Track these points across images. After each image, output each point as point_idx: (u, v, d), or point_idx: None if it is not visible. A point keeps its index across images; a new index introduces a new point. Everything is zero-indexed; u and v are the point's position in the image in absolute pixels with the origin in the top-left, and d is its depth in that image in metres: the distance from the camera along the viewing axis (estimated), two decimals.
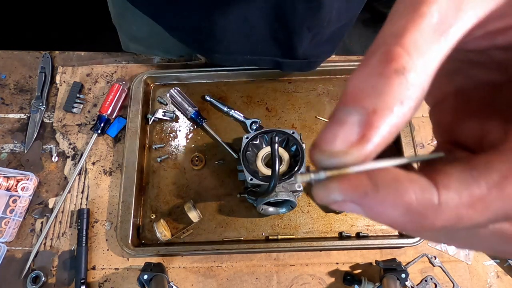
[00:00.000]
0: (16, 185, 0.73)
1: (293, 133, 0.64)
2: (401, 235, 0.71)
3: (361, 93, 0.14)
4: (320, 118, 0.79)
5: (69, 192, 0.75)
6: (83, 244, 0.69)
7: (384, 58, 0.14)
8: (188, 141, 0.78)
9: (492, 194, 0.13)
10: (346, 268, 0.70)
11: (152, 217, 0.72)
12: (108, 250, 0.71)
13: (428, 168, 0.15)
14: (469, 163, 0.14)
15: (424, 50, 0.14)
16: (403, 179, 0.14)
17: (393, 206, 0.14)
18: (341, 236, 0.71)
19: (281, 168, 0.64)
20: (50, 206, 0.74)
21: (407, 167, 0.16)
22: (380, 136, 0.14)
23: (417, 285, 0.69)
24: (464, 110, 0.19)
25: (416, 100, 0.14)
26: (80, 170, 0.76)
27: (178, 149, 0.77)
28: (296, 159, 0.64)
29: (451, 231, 0.15)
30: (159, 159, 0.76)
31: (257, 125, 0.77)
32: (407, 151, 0.73)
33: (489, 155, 0.14)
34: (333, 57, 0.84)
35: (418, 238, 0.68)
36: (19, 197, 0.73)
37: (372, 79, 0.14)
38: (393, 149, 0.19)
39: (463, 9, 0.14)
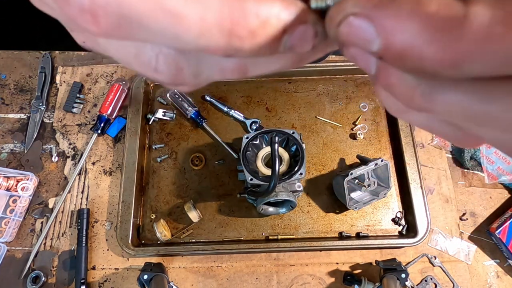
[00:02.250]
0: (16, 185, 0.73)
1: (293, 133, 0.64)
2: (401, 235, 0.71)
3: None
4: (320, 118, 0.79)
5: (69, 192, 0.75)
6: (83, 244, 0.69)
7: None
8: (188, 141, 0.78)
9: None
10: (346, 268, 0.70)
11: (152, 217, 0.72)
12: (108, 250, 0.71)
13: None
14: None
15: None
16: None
17: (410, 18, 0.11)
18: (341, 236, 0.71)
19: (281, 168, 0.64)
20: (50, 206, 0.74)
21: None
22: None
23: (417, 285, 0.69)
24: None
25: None
26: (80, 170, 0.76)
27: (178, 149, 0.77)
28: (296, 159, 0.64)
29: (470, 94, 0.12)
30: (159, 159, 0.76)
31: (257, 125, 0.77)
32: (407, 150, 0.73)
33: None
34: (333, 57, 0.84)
35: (418, 238, 0.68)
36: (19, 197, 0.73)
37: None
38: None
39: None
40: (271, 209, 0.70)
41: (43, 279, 0.68)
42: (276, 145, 0.61)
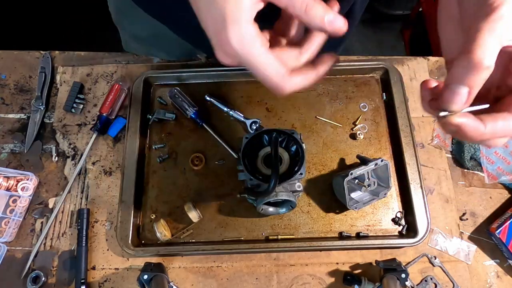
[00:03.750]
0: (16, 185, 0.73)
1: (293, 133, 0.64)
2: (401, 235, 0.71)
3: (466, 77, 0.31)
4: (320, 118, 0.79)
5: (69, 192, 0.75)
6: (83, 244, 0.69)
7: (480, 58, 0.30)
8: (188, 141, 0.78)
9: (499, 130, 0.33)
10: (346, 268, 0.70)
11: (152, 217, 0.72)
12: (108, 250, 0.71)
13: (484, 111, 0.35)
14: (494, 116, 0.33)
15: (494, 53, 0.30)
16: (475, 119, 0.33)
17: (471, 131, 0.33)
18: (341, 236, 0.71)
19: (281, 168, 0.64)
20: (50, 206, 0.74)
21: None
22: (472, 98, 0.32)
23: (417, 285, 0.69)
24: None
25: (487, 77, 0.31)
26: (80, 170, 0.76)
27: (178, 149, 0.77)
28: (296, 159, 0.64)
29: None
30: (159, 159, 0.76)
31: (257, 125, 0.77)
32: (407, 150, 0.73)
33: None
34: None
35: (418, 238, 0.68)
36: (19, 197, 0.73)
37: (472, 70, 0.30)
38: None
39: (509, 35, 0.31)
40: (271, 209, 0.70)
41: (43, 279, 0.68)
42: (276, 145, 0.61)
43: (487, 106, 0.35)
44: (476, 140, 0.34)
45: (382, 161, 0.67)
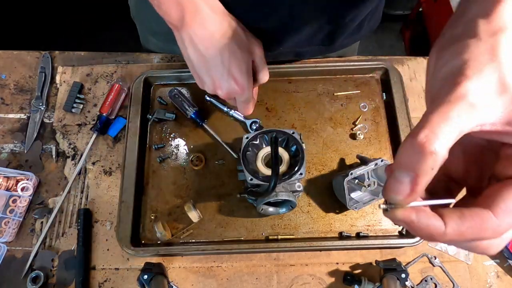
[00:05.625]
0: (16, 185, 0.73)
1: (293, 133, 0.64)
2: (401, 235, 0.71)
3: (410, 163, 0.25)
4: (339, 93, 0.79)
5: (69, 192, 0.75)
6: (83, 244, 0.69)
7: (424, 142, 0.24)
8: (188, 141, 0.78)
9: (468, 231, 0.25)
10: (346, 268, 0.70)
11: (152, 217, 0.72)
12: (108, 250, 0.71)
13: (441, 208, 0.27)
14: (462, 212, 0.26)
15: (447, 138, 0.24)
16: (430, 216, 0.26)
17: (422, 230, 0.26)
18: (341, 236, 0.71)
19: (281, 168, 0.64)
20: (50, 206, 0.74)
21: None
22: (421, 189, 0.25)
23: (417, 285, 0.69)
24: (463, 158, 0.31)
25: (439, 165, 0.24)
26: (80, 170, 0.76)
27: (178, 149, 0.77)
28: (296, 159, 0.64)
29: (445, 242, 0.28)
30: (159, 159, 0.76)
31: (257, 125, 0.77)
32: None
33: (469, 211, 0.26)
34: (333, 57, 0.84)
35: (418, 238, 0.68)
36: (19, 197, 0.73)
37: (416, 155, 0.24)
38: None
39: (471, 118, 0.24)
40: (271, 209, 0.70)
41: (43, 279, 0.68)
42: (276, 145, 0.61)
43: (452, 200, 0.29)
44: (440, 241, 0.27)
45: (382, 161, 0.67)
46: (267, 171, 0.64)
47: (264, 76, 0.64)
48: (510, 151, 0.28)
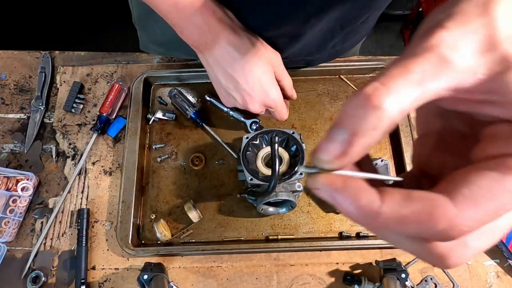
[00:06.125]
0: (16, 185, 0.73)
1: (293, 133, 0.64)
2: None
3: (349, 118, 0.19)
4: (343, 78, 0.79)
5: (69, 192, 0.75)
6: (83, 244, 0.69)
7: (370, 94, 0.18)
8: (188, 141, 0.78)
9: (411, 217, 0.19)
10: (346, 268, 0.70)
11: (152, 217, 0.72)
12: (108, 250, 0.71)
13: (387, 185, 0.22)
14: (408, 193, 0.19)
15: (401, 95, 0.18)
16: (363, 189, 0.20)
17: (351, 204, 0.19)
18: (341, 236, 0.71)
19: (281, 168, 0.64)
20: (50, 206, 0.74)
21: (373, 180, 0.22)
22: (355, 152, 0.19)
23: (417, 285, 0.69)
24: (438, 148, 0.25)
25: (385, 128, 0.19)
26: (80, 170, 0.76)
27: (178, 149, 0.77)
28: (296, 159, 0.64)
29: (383, 231, 0.21)
30: (159, 159, 0.76)
31: (257, 125, 0.77)
32: (407, 150, 0.74)
33: (420, 193, 0.19)
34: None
35: None
36: (19, 197, 0.73)
37: (358, 109, 0.19)
38: (369, 159, 0.25)
39: (439, 76, 0.18)
40: (271, 209, 0.70)
41: (43, 279, 0.68)
42: (276, 145, 0.61)
43: (399, 179, 0.24)
44: (373, 226, 0.20)
45: (382, 161, 0.67)
46: (267, 171, 0.64)
47: (288, 83, 0.68)
48: (492, 129, 0.22)
